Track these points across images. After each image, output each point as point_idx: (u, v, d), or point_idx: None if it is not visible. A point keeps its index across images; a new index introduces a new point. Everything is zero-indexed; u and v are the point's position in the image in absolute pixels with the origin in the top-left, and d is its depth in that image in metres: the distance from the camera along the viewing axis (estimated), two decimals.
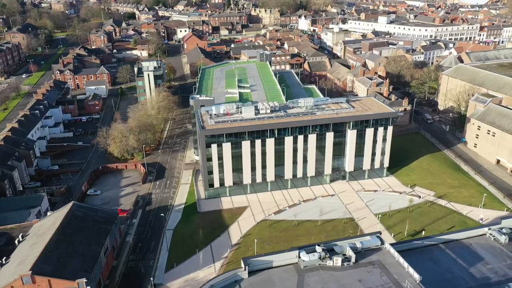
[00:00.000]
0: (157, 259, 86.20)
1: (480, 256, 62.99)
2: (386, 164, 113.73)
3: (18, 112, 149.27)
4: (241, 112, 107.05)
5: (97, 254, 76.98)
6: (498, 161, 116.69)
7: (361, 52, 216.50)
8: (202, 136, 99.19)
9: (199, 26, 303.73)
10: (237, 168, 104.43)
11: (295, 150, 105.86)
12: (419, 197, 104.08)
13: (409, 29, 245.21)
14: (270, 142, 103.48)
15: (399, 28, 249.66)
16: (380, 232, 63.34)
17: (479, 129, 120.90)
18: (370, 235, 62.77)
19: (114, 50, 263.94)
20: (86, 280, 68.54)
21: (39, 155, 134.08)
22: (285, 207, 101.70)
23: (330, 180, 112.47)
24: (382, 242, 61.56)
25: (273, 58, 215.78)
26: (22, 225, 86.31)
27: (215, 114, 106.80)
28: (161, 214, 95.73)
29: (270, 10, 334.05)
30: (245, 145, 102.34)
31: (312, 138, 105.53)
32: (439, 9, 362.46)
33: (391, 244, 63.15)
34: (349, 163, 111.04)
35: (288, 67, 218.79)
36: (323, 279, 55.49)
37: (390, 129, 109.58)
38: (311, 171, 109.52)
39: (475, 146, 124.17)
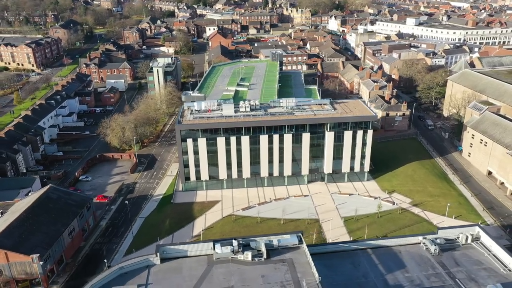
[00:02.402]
0: (121, 243, 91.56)
1: (404, 264, 61.95)
2: (367, 168, 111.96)
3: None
4: (221, 109, 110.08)
5: (59, 234, 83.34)
6: (490, 173, 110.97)
7: (380, 54, 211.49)
8: (177, 130, 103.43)
9: (229, 25, 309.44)
10: (213, 163, 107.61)
11: (270, 149, 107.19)
12: (393, 203, 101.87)
13: (436, 32, 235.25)
14: (245, 140, 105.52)
15: (426, 30, 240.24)
16: (301, 232, 63.93)
17: (473, 137, 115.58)
18: (291, 234, 63.62)
19: (144, 46, 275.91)
20: (38, 255, 75.01)
21: (49, 141, 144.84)
22: (255, 204, 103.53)
23: (308, 181, 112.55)
24: (301, 242, 62.23)
25: (289, 58, 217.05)
26: (5, 203, 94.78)
27: (196, 110, 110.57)
28: (126, 202, 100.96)
29: (302, 10, 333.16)
30: (220, 141, 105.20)
31: (288, 138, 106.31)
32: (482, 11, 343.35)
33: (312, 245, 63.95)
34: (327, 165, 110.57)
35: (305, 68, 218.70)
36: (229, 271, 57.42)
37: (370, 132, 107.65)
38: (287, 171, 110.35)
39: (469, 155, 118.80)
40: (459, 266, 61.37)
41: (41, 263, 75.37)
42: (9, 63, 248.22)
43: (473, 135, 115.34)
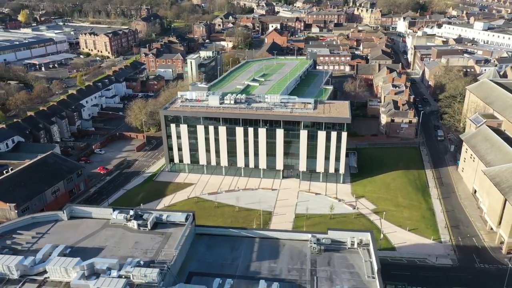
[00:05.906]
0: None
1: (278, 256, 63.99)
2: (342, 170, 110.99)
3: None
4: (208, 99, 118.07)
5: (42, 191, 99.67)
6: (476, 191, 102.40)
7: (429, 59, 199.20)
8: (161, 114, 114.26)
9: (292, 23, 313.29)
10: (194, 149, 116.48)
11: (246, 142, 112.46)
12: (354, 207, 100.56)
13: (503, 38, 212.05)
14: (222, 130, 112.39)
15: (493, 36, 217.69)
16: (193, 212, 69.56)
17: (466, 152, 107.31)
18: (182, 212, 69.78)
19: (207, 40, 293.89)
20: (15, 205, 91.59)
21: (89, 118, 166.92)
22: (222, 190, 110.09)
23: (284, 176, 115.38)
24: (187, 220, 68.09)
25: (332, 58, 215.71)
26: (19, 162, 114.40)
27: (186, 99, 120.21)
28: (101, 173, 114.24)
29: (371, 10, 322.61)
30: (200, 129, 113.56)
31: (262, 132, 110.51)
32: None
33: (202, 226, 69.77)
34: (302, 163, 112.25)
35: (347, 68, 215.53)
36: (113, 234, 65.80)
37: (344, 135, 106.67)
38: (262, 164, 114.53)
39: (462, 171, 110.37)
40: (328, 266, 61.89)
41: (16, 211, 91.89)
42: (91, 50, 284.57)
43: (466, 149, 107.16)
